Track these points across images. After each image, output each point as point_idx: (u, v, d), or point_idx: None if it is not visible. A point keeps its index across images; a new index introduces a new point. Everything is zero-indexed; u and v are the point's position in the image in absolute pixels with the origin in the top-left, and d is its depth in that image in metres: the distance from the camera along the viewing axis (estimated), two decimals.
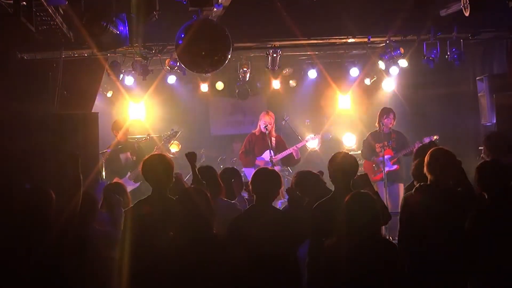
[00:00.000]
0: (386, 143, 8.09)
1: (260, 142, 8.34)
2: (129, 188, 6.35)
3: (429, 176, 4.29)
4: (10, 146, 5.96)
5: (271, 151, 8.00)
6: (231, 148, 10.45)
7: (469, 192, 4.30)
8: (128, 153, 8.37)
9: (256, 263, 3.95)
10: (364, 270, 3.56)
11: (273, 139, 8.21)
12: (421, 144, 6.85)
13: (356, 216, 3.61)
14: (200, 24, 5.85)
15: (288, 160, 8.37)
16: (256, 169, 4.49)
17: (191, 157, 4.89)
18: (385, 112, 8.22)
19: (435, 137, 8.05)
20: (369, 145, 8.32)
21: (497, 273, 3.97)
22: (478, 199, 4.14)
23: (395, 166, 8.11)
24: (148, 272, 3.90)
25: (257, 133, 8.42)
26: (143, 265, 4.00)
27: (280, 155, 8.25)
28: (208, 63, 6.00)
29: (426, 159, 4.31)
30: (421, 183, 4.37)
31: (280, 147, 8.30)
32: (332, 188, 4.52)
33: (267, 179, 4.28)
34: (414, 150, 7.95)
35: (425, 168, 4.31)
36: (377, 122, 8.20)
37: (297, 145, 8.38)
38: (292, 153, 8.27)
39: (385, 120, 8.12)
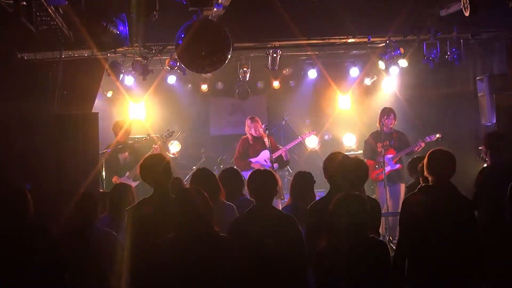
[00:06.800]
0: (388, 142, 8.09)
1: (254, 145, 8.35)
2: None
3: (430, 177, 4.28)
4: (10, 146, 5.96)
5: (270, 151, 8.00)
6: (231, 148, 10.45)
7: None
8: (126, 153, 8.39)
9: (258, 263, 3.94)
10: (356, 271, 3.54)
11: (266, 140, 8.21)
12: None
13: (341, 218, 3.57)
14: (200, 24, 5.85)
15: (278, 161, 8.34)
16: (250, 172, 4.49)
17: None
18: (386, 112, 8.22)
19: (437, 135, 8.04)
20: (370, 145, 8.31)
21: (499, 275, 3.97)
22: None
23: (397, 166, 8.10)
24: (149, 271, 3.90)
25: (250, 140, 8.40)
26: (144, 265, 4.01)
27: (274, 154, 8.25)
28: (208, 63, 6.00)
29: (426, 160, 4.30)
30: (423, 184, 4.36)
31: (273, 148, 8.29)
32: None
33: (262, 180, 4.28)
34: (416, 149, 7.99)
35: (425, 170, 4.31)
36: (378, 122, 8.20)
37: (286, 146, 8.39)
38: (281, 154, 8.27)
39: (386, 120, 8.11)
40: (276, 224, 4.11)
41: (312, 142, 9.29)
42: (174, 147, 9.50)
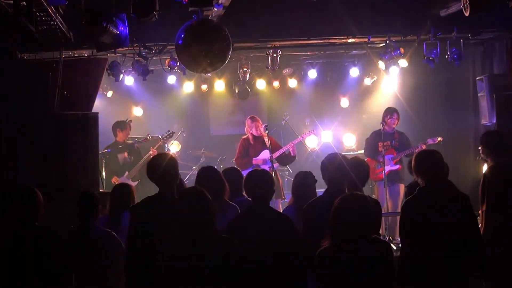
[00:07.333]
0: (389, 142, 8.08)
1: (255, 145, 8.33)
2: None
3: (420, 180, 4.26)
4: (10, 146, 5.96)
5: (270, 150, 8.00)
6: (231, 148, 10.45)
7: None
8: (126, 153, 8.40)
9: (255, 264, 3.94)
10: (359, 272, 3.54)
11: (266, 139, 8.20)
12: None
13: (345, 218, 3.57)
14: (200, 24, 5.85)
15: (285, 158, 8.34)
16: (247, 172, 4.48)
17: None
18: (389, 111, 8.20)
19: (439, 138, 8.02)
20: (371, 144, 8.30)
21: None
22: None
23: (397, 166, 8.08)
24: (149, 271, 3.90)
25: (250, 139, 8.37)
26: (144, 265, 4.00)
27: (278, 152, 8.24)
28: (208, 63, 5.99)
29: (413, 164, 4.28)
30: (422, 186, 4.34)
31: (275, 147, 8.28)
32: None
33: (258, 181, 4.26)
34: (416, 151, 7.97)
35: (414, 174, 4.29)
36: (381, 121, 8.17)
37: (293, 141, 8.37)
38: (289, 150, 8.26)
39: (389, 120, 8.10)
40: (272, 224, 4.10)
41: (312, 141, 9.29)
42: (174, 147, 9.50)
